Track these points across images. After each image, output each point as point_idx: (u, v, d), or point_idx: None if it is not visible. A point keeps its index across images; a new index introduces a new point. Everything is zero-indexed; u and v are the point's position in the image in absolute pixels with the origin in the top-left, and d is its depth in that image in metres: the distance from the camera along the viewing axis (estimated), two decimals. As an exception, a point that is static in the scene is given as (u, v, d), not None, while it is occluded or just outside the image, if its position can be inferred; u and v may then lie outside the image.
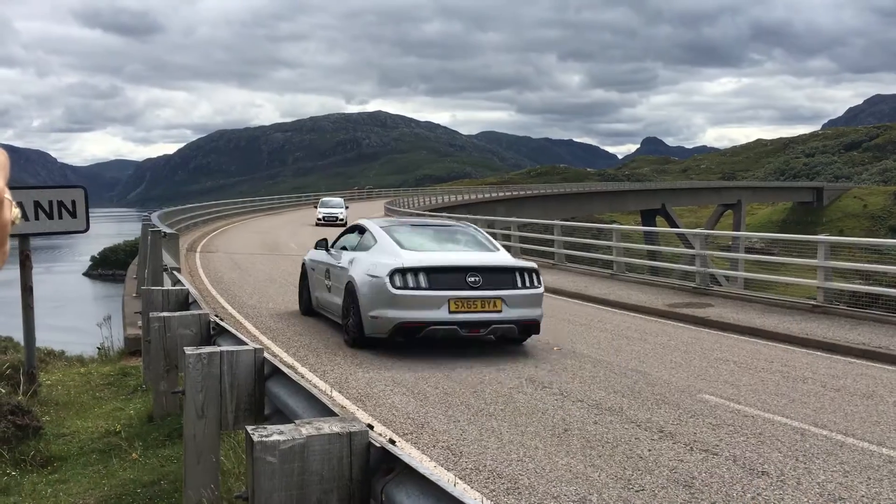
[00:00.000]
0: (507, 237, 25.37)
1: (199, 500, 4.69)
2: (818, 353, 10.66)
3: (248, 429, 3.17)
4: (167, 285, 9.84)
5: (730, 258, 44.12)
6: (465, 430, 6.89)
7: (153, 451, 6.68)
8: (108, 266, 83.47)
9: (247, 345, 5.07)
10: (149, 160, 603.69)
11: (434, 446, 6.48)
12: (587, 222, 58.54)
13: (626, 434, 6.83)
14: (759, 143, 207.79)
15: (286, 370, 4.55)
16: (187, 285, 8.73)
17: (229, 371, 4.68)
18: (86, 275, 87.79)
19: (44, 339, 15.96)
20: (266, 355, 4.83)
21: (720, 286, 18.25)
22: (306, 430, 3.11)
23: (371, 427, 3.29)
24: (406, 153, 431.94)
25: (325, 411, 3.76)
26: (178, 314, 6.72)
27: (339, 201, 48.36)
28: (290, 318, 13.05)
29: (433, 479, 2.78)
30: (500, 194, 73.40)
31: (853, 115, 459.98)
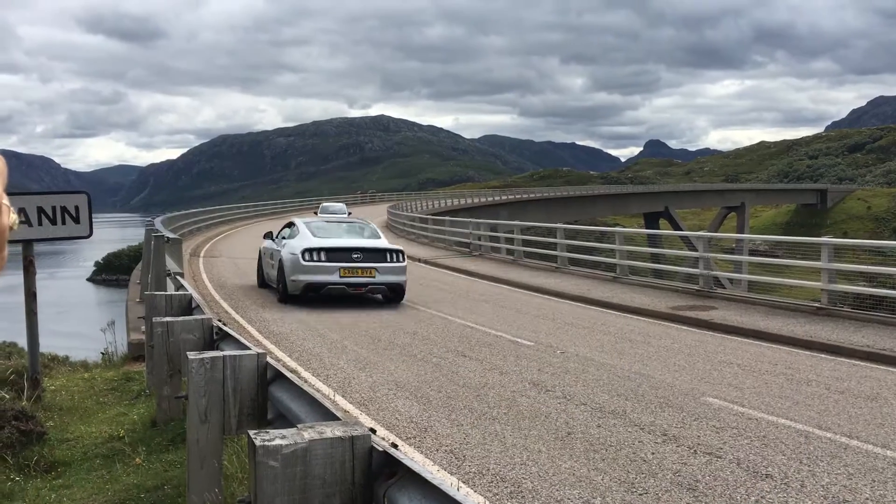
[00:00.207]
0: (510, 240, 25.33)
1: (202, 504, 4.69)
2: (822, 356, 10.64)
3: (251, 433, 3.18)
4: (170, 290, 9.85)
5: (733, 260, 44.16)
6: (468, 434, 6.89)
7: (157, 455, 6.69)
8: (111, 271, 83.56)
9: (249, 349, 5.08)
10: (152, 165, 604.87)
11: (437, 450, 6.48)
12: (590, 225, 58.50)
13: (629, 437, 6.82)
14: (762, 145, 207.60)
15: (289, 374, 4.55)
16: (190, 290, 8.75)
17: (232, 376, 4.68)
18: (90, 280, 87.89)
19: (48, 345, 15.99)
20: (269, 360, 4.83)
21: (724, 289, 18.21)
22: (308, 435, 3.11)
23: (373, 431, 3.29)
24: (409, 157, 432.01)
25: (328, 415, 3.76)
26: (181, 319, 6.73)
27: (342, 206, 43.39)
28: (294, 322, 13.06)
29: (435, 482, 2.78)
30: (503, 198, 73.34)
31: (856, 116, 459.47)
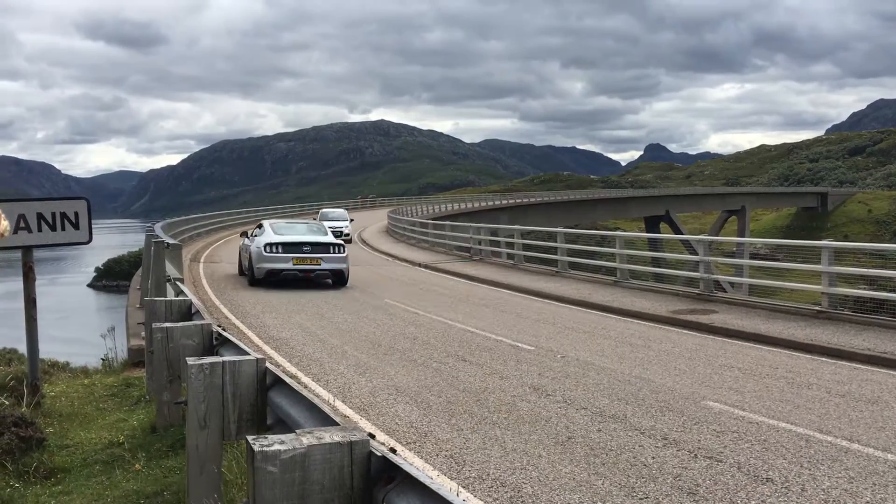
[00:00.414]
0: (510, 245, 25.32)
1: (201, 510, 4.68)
2: (823, 359, 10.62)
3: (249, 439, 3.17)
4: (170, 296, 9.85)
5: (734, 264, 44.17)
6: (468, 439, 6.88)
7: (156, 461, 6.68)
8: (112, 277, 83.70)
9: (249, 355, 5.07)
10: (153, 171, 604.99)
11: (437, 455, 6.47)
12: (591, 229, 58.50)
13: (629, 441, 6.81)
14: (762, 148, 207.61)
15: (288, 380, 4.54)
16: (190, 295, 8.74)
17: (231, 381, 4.67)
18: (90, 286, 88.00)
19: (48, 351, 15.98)
20: (268, 365, 4.82)
21: (724, 292, 18.20)
22: (307, 440, 3.11)
23: (372, 436, 3.29)
24: (409, 162, 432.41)
25: (327, 421, 3.75)
26: (180, 325, 6.72)
27: (342, 212, 42.10)
28: (294, 327, 13.07)
29: (434, 487, 2.77)
30: (504, 202, 73.35)
31: (857, 119, 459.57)
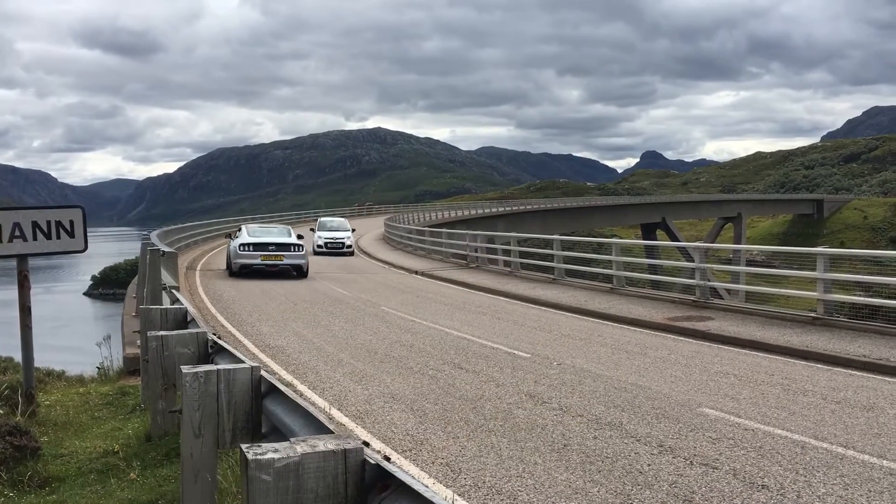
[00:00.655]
0: (507, 252, 25.33)
1: (196, 519, 4.67)
2: (819, 366, 10.63)
3: (243, 447, 3.17)
4: (166, 304, 9.84)
5: (730, 271, 44.22)
6: (464, 447, 6.87)
7: (151, 470, 6.66)
8: (108, 285, 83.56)
9: (244, 363, 5.07)
10: (149, 179, 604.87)
11: (433, 463, 6.46)
12: (587, 236, 58.50)
13: (625, 449, 6.81)
14: (758, 155, 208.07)
15: (283, 388, 4.54)
16: (185, 304, 8.74)
17: (226, 389, 4.67)
18: (86, 294, 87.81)
19: (44, 360, 15.93)
20: (263, 373, 4.82)
21: (721, 299, 18.21)
22: (301, 448, 3.10)
23: (367, 444, 3.28)
24: (406, 169, 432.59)
25: (321, 429, 3.75)
26: (175, 333, 6.72)
27: (342, 222, 39.16)
28: (290, 335, 13.05)
29: (428, 495, 2.77)
30: (500, 209, 73.31)
31: (852, 126, 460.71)
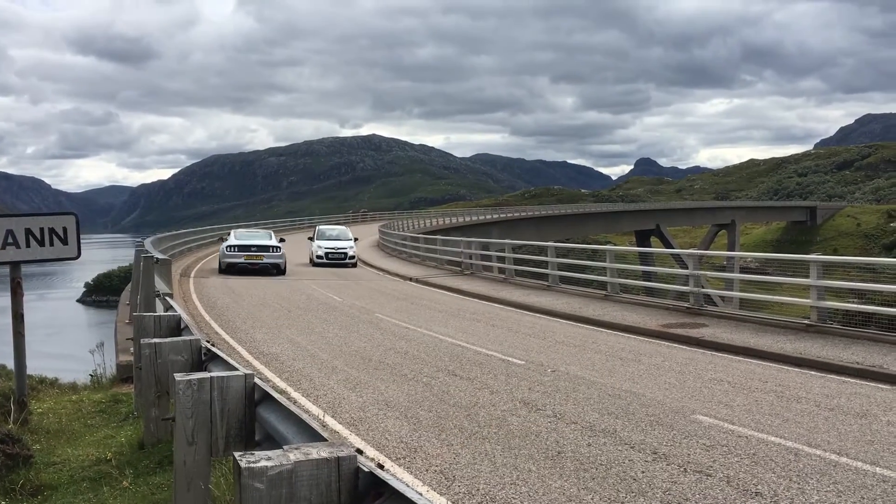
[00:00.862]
0: (501, 259, 25.33)
1: (189, 527, 4.65)
2: (812, 373, 10.65)
3: (236, 455, 3.16)
4: (160, 311, 9.81)
5: (724, 278, 44.28)
6: (458, 454, 6.86)
7: (144, 478, 6.63)
8: (102, 292, 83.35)
9: (237, 370, 5.06)
10: (143, 186, 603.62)
11: (427, 470, 6.45)
12: (582, 243, 58.52)
13: (619, 456, 6.81)
14: (751, 162, 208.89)
15: (277, 395, 4.53)
16: (179, 311, 8.71)
17: (220, 397, 4.66)
18: (80, 301, 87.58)
19: (37, 367, 15.87)
20: (257, 380, 4.81)
21: (715, 306, 18.23)
22: (294, 456, 3.10)
23: (360, 452, 3.28)
24: (400, 176, 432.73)
25: (315, 436, 3.74)
26: (169, 340, 6.70)
27: (343, 230, 35.45)
28: (284, 342, 13.02)
29: (421, 503, 2.77)
30: (495, 216, 73.39)
31: (845, 134, 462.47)
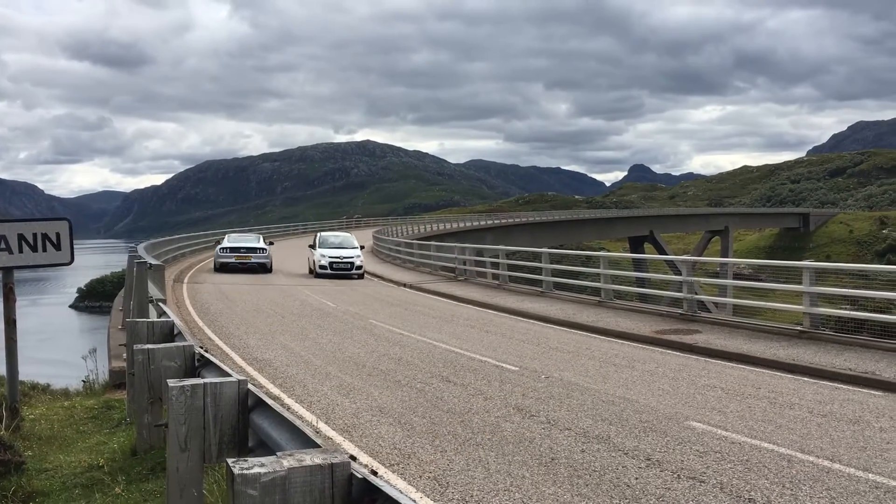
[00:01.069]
0: (495, 265, 25.35)
1: (181, 534, 4.63)
2: (805, 379, 10.68)
3: (229, 461, 3.15)
4: (153, 317, 9.78)
5: (718, 284, 44.36)
6: (452, 460, 6.86)
7: (136, 485, 6.60)
8: (95, 298, 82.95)
9: (231, 376, 5.04)
10: (136, 191, 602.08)
11: (420, 477, 6.44)
12: (576, 249, 58.61)
13: (613, 462, 6.81)
14: (745, 169, 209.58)
15: (270, 402, 4.52)
16: (172, 317, 8.69)
17: (213, 403, 4.64)
18: (73, 307, 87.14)
19: (30, 373, 15.80)
20: (250, 387, 4.80)
21: (708, 312, 18.27)
22: (287, 462, 3.09)
23: (354, 458, 3.27)
24: (394, 182, 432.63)
25: (309, 443, 3.73)
26: (162, 346, 6.68)
27: (347, 237, 32.95)
28: (278, 348, 13.00)
29: (414, 510, 2.77)
30: (489, 222, 73.39)
31: (837, 141, 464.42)
